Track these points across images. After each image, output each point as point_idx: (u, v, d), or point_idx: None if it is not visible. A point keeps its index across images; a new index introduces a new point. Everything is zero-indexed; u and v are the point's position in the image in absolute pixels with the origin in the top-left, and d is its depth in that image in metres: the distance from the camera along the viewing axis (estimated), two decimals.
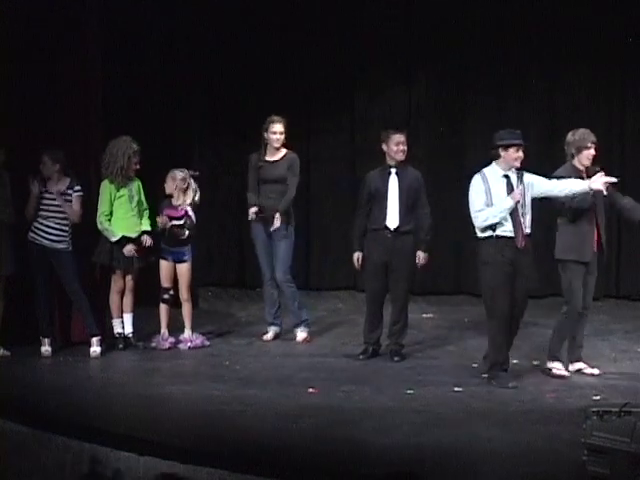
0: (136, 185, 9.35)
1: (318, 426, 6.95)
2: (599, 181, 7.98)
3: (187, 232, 9.46)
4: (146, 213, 9.43)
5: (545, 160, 11.29)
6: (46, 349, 9.10)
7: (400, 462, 6.17)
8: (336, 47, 11.52)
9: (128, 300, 9.39)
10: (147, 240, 9.31)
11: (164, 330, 9.50)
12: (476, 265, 8.31)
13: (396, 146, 9.02)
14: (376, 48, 11.43)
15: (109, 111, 9.68)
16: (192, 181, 9.51)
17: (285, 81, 11.46)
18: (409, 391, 7.84)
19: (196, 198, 9.52)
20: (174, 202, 9.47)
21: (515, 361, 8.71)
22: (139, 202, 9.35)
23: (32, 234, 9.05)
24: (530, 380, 8.17)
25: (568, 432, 6.42)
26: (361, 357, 9.06)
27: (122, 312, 9.38)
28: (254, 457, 6.32)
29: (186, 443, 6.58)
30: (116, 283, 9.37)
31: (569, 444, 6.19)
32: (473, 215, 8.16)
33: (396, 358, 8.98)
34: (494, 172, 8.16)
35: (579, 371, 8.36)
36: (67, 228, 9.10)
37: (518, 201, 8.03)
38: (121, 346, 9.32)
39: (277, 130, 9.55)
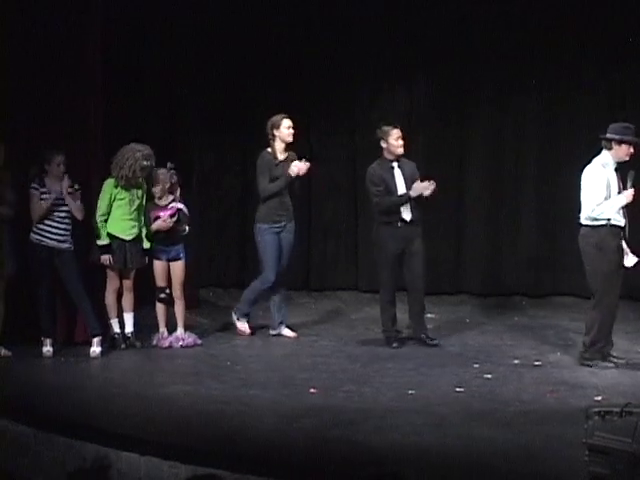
0: (141, 191, 9.33)
1: (318, 426, 6.94)
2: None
3: (187, 227, 9.46)
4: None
5: (545, 160, 11.32)
6: (47, 349, 9.08)
7: (400, 462, 6.17)
8: (336, 47, 11.52)
9: (127, 299, 9.38)
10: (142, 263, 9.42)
11: (163, 329, 9.49)
12: (582, 251, 8.39)
13: (396, 141, 9.26)
14: (376, 48, 11.43)
15: (109, 111, 9.67)
16: (174, 176, 9.48)
17: (285, 81, 11.45)
18: (410, 391, 7.83)
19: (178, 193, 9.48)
20: (161, 202, 9.42)
21: (516, 361, 8.72)
22: (139, 206, 9.34)
23: (36, 235, 9.00)
24: (530, 380, 8.16)
25: (569, 432, 6.40)
26: (395, 345, 9.26)
27: (121, 312, 9.38)
28: (254, 457, 6.31)
29: (186, 443, 6.58)
30: (112, 282, 9.35)
31: (570, 444, 6.18)
32: (590, 206, 8.28)
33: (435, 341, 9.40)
34: (610, 163, 8.35)
35: None
36: (70, 227, 9.10)
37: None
38: (123, 346, 9.31)
39: (290, 125, 9.59)
